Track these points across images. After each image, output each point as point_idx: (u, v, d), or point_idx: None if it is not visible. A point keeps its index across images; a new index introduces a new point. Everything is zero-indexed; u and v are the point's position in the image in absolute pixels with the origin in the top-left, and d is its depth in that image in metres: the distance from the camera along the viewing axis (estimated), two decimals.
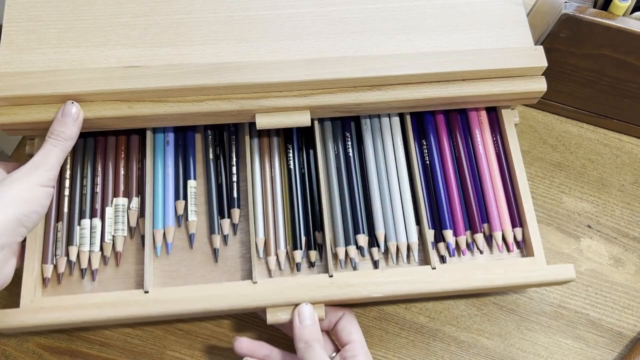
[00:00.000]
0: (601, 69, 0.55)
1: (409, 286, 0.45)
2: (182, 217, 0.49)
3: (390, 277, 0.45)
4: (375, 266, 0.48)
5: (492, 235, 0.50)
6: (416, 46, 0.48)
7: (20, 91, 0.43)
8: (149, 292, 0.44)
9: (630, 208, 0.59)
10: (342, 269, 0.48)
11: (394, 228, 0.49)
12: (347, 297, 0.44)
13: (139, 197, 0.49)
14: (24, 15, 0.46)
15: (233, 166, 0.50)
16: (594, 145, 0.62)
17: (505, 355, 0.52)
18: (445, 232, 0.49)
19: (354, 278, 0.45)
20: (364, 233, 0.49)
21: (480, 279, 0.45)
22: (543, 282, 0.46)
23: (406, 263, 0.49)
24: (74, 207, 0.47)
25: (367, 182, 0.51)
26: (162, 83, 0.44)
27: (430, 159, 0.51)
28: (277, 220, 0.49)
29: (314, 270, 0.48)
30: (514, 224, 0.50)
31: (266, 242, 0.48)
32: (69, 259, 0.46)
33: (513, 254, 0.50)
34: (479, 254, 0.50)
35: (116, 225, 0.48)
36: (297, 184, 0.50)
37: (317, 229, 0.49)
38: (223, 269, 0.48)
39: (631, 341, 0.54)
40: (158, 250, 0.47)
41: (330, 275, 0.46)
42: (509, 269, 0.46)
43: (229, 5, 0.48)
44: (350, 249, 0.48)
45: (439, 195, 0.50)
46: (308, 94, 0.46)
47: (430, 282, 0.45)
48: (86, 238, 0.47)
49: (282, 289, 0.44)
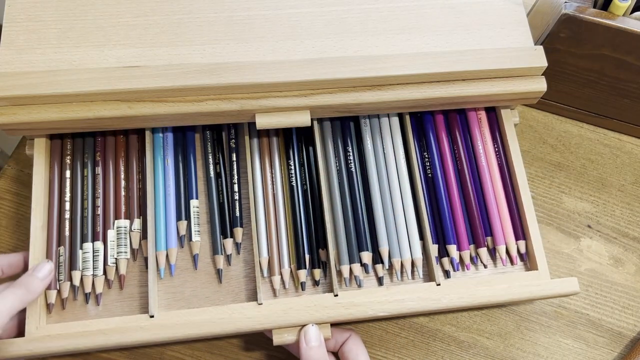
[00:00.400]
0: (601, 69, 0.55)
1: (414, 304, 0.45)
2: (184, 238, 0.48)
3: (395, 296, 0.45)
4: (380, 283, 0.48)
5: (495, 249, 0.50)
6: (416, 46, 0.48)
7: (20, 91, 0.43)
8: (154, 316, 0.44)
9: (630, 208, 0.59)
10: (346, 287, 0.48)
11: (397, 244, 0.49)
12: (353, 317, 0.44)
13: (140, 218, 0.48)
14: (24, 15, 0.46)
15: (235, 184, 0.50)
16: (594, 145, 0.62)
17: (505, 355, 0.52)
18: (449, 247, 0.49)
19: (359, 297, 0.45)
20: (368, 250, 0.48)
21: (485, 295, 0.45)
22: (547, 295, 0.46)
23: (411, 279, 0.49)
24: (75, 230, 0.47)
25: (369, 195, 0.50)
26: (162, 83, 0.44)
27: (431, 168, 0.51)
28: (280, 239, 0.48)
29: (318, 289, 0.48)
30: (517, 236, 0.50)
31: (270, 261, 0.48)
32: (73, 284, 0.46)
33: (517, 267, 0.50)
34: (482, 267, 0.50)
35: (119, 248, 0.47)
36: (299, 201, 0.49)
37: (321, 246, 0.48)
38: (227, 289, 0.47)
39: (631, 341, 0.54)
40: (162, 272, 0.47)
41: (335, 295, 0.45)
42: (514, 283, 0.46)
43: (229, 5, 0.48)
44: (354, 267, 0.48)
45: (442, 209, 0.50)
46: (308, 94, 0.46)
47: (435, 300, 0.45)
48: (89, 262, 0.46)
49: (288, 310, 0.44)
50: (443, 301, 0.45)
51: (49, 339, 0.42)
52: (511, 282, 0.46)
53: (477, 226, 0.50)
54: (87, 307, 0.46)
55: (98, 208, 0.48)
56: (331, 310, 0.44)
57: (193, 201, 0.49)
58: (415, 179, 0.50)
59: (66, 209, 0.47)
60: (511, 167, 0.51)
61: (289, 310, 0.44)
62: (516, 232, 0.50)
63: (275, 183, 0.50)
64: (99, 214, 0.48)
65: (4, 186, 0.54)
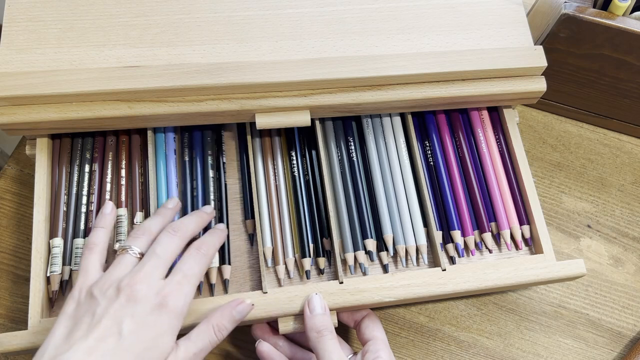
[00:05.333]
0: (601, 68, 0.55)
1: (420, 289, 0.45)
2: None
3: (401, 281, 0.45)
4: (385, 270, 0.48)
5: (500, 234, 0.50)
6: (416, 46, 0.48)
7: (20, 91, 0.43)
8: None
9: (630, 208, 0.59)
10: (351, 274, 0.48)
11: (401, 231, 0.49)
12: (359, 303, 0.44)
13: (142, 211, 0.48)
14: (24, 15, 0.46)
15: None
16: (593, 145, 0.62)
17: (505, 355, 0.52)
18: (453, 232, 0.49)
19: (364, 283, 0.45)
20: (372, 237, 0.48)
21: (491, 279, 0.45)
22: (554, 278, 0.46)
23: (415, 266, 0.49)
24: (78, 223, 0.47)
25: (372, 184, 0.50)
26: (162, 83, 0.44)
27: (434, 159, 0.51)
28: (284, 229, 0.49)
29: (323, 278, 0.48)
30: (521, 221, 0.50)
31: (274, 251, 0.48)
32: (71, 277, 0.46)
33: (522, 252, 0.50)
34: (488, 253, 0.50)
35: (117, 237, 0.47)
36: (302, 190, 0.50)
37: (325, 235, 0.48)
38: (232, 280, 0.47)
39: (631, 341, 0.54)
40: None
41: (340, 282, 0.45)
42: (519, 267, 0.46)
43: (229, 5, 0.48)
44: (359, 254, 0.48)
45: (445, 196, 0.50)
46: (308, 94, 0.46)
47: (441, 284, 0.45)
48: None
49: (293, 297, 0.44)
50: (449, 286, 0.45)
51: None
52: (517, 266, 0.46)
53: (480, 211, 0.50)
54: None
55: (105, 201, 0.48)
56: (337, 297, 0.44)
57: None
58: (417, 166, 0.51)
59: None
60: (512, 151, 0.51)
61: (295, 297, 0.44)
62: (520, 217, 0.50)
63: (277, 174, 0.50)
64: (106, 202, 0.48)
65: (4, 186, 0.54)
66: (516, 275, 0.46)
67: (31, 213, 0.46)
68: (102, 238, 0.42)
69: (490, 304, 0.54)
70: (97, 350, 0.35)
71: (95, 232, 0.43)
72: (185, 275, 0.40)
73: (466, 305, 0.54)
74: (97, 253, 0.41)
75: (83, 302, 0.38)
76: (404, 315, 0.53)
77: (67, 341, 0.36)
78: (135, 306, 0.37)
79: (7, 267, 0.51)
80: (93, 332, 0.35)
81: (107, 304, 0.37)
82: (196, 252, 0.42)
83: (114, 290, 0.38)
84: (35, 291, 0.44)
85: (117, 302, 0.37)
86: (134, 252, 0.41)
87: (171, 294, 0.38)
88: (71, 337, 0.36)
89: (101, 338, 0.35)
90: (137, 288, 0.37)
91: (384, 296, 0.44)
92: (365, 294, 0.44)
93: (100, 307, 0.37)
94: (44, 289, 0.44)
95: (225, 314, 0.41)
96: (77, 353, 0.35)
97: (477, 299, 0.54)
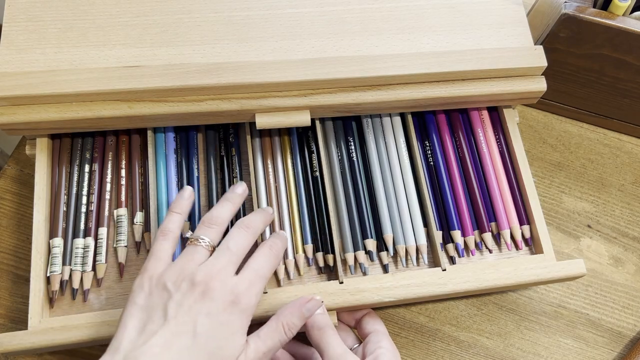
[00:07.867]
0: (601, 68, 0.55)
1: (420, 289, 0.45)
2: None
3: (401, 281, 0.45)
4: (385, 270, 0.48)
5: (500, 234, 0.50)
6: (416, 46, 0.48)
7: (20, 91, 0.43)
8: None
9: (630, 208, 0.59)
10: (352, 274, 0.48)
11: (401, 231, 0.49)
12: (359, 303, 0.44)
13: (142, 211, 0.48)
14: (24, 15, 0.46)
15: (235, 178, 0.50)
16: (593, 145, 0.62)
17: (505, 355, 0.52)
18: (453, 232, 0.49)
19: (365, 283, 0.45)
20: (372, 237, 0.48)
21: (491, 279, 0.45)
22: (554, 278, 0.46)
23: (416, 266, 0.49)
24: (78, 223, 0.47)
25: (372, 184, 0.50)
26: (162, 83, 0.44)
27: (434, 159, 0.51)
28: (283, 229, 0.48)
29: (323, 277, 0.48)
30: (521, 221, 0.50)
31: None
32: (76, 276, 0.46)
33: (522, 252, 0.50)
34: (488, 253, 0.50)
35: (118, 237, 0.47)
36: (302, 191, 0.50)
37: (325, 235, 0.48)
38: None
39: (631, 341, 0.54)
40: None
41: (340, 282, 0.45)
42: (519, 267, 0.46)
43: (229, 5, 0.48)
44: (359, 254, 0.48)
45: (445, 196, 0.50)
46: (308, 94, 0.46)
47: (441, 284, 0.45)
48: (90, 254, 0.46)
49: (293, 298, 0.44)
50: (449, 286, 0.45)
51: (52, 331, 0.42)
52: (517, 266, 0.46)
53: (480, 211, 0.50)
54: (90, 299, 0.46)
55: (105, 201, 0.48)
56: (337, 297, 0.44)
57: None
58: (417, 165, 0.51)
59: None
60: (512, 151, 0.51)
61: (295, 298, 0.44)
62: (520, 217, 0.50)
63: (277, 174, 0.50)
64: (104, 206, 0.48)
65: (4, 186, 0.54)
66: (516, 275, 0.46)
67: (31, 213, 0.46)
68: (177, 224, 0.41)
69: (490, 304, 0.54)
70: (173, 346, 0.34)
71: (170, 217, 0.41)
72: (257, 274, 0.39)
73: (466, 305, 0.54)
74: (170, 240, 0.40)
75: (155, 292, 0.37)
76: (404, 315, 0.53)
77: (141, 335, 0.35)
78: (210, 302, 0.36)
79: (7, 267, 0.51)
80: (168, 327, 0.35)
81: (181, 298, 0.36)
82: (269, 250, 0.41)
83: (187, 283, 0.37)
84: (35, 291, 0.44)
85: (191, 296, 0.36)
86: (205, 243, 0.40)
87: (244, 292, 0.38)
88: (145, 331, 0.35)
89: (177, 333, 0.35)
90: (213, 284, 0.37)
91: (384, 296, 0.44)
92: (365, 293, 0.44)
93: (173, 300, 0.36)
94: (44, 289, 0.44)
95: (295, 311, 0.40)
96: (153, 348, 0.34)
97: (477, 299, 0.54)
